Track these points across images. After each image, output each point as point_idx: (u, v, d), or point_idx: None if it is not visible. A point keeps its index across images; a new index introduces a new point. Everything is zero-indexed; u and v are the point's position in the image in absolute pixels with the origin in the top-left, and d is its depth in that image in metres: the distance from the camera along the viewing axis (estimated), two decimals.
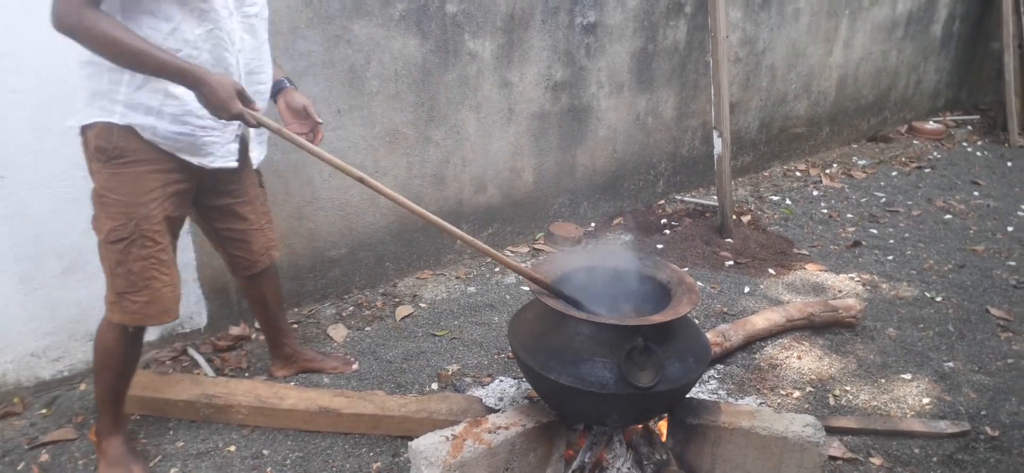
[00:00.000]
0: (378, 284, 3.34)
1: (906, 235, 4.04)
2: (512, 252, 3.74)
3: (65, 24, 1.68)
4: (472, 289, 3.35)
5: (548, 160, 3.79)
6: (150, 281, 1.98)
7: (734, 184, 4.57)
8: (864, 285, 3.43)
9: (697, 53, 4.19)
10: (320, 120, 2.18)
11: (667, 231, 4.03)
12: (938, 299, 3.30)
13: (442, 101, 3.30)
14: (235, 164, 2.08)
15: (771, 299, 3.28)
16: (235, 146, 2.07)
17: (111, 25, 1.70)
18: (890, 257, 3.75)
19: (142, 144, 1.89)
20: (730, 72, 4.33)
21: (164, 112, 1.87)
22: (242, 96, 1.86)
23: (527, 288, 3.34)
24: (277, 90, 2.20)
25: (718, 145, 3.98)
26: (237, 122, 1.97)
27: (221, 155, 2.02)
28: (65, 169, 2.33)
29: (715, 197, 4.13)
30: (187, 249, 2.69)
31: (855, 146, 5.64)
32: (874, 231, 4.09)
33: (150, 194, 1.94)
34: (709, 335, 2.68)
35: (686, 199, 4.41)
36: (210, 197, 2.18)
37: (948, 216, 4.32)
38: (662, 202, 4.40)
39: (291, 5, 2.74)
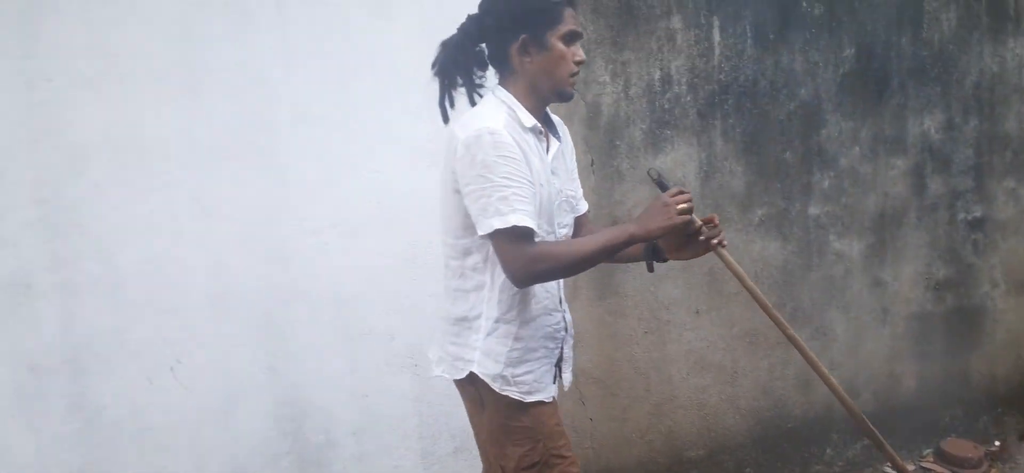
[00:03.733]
0: None
1: None
2: (893, 469, 3.31)
3: (529, 276, 1.73)
4: None
5: (933, 366, 3.38)
6: None
7: None
8: None
9: None
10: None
11: None
12: None
13: (806, 302, 3.19)
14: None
15: None
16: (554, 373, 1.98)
17: (556, 249, 1.76)
18: None
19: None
20: None
21: (511, 356, 1.84)
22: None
23: None
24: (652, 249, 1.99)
25: None
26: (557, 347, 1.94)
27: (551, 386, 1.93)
28: None
29: None
30: None
31: None
32: None
33: (544, 413, 1.89)
34: None
35: None
36: None
37: None
38: None
39: None
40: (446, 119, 1.90)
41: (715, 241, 1.86)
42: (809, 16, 3.08)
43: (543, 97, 1.86)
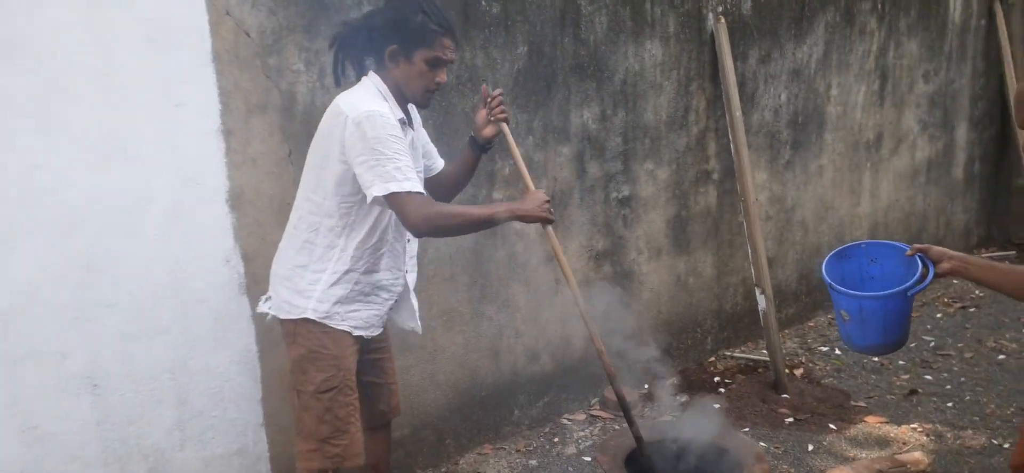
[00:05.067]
0: (440, 463, 3.37)
1: (962, 379, 4.00)
2: (569, 420, 3.76)
3: (430, 225, 2.12)
4: (533, 462, 3.37)
5: (596, 326, 3.88)
6: (349, 425, 2.26)
7: (782, 337, 4.60)
8: (928, 435, 3.39)
9: (729, 214, 4.36)
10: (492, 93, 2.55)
11: (722, 389, 4.04)
12: (1007, 446, 3.25)
13: (494, 278, 3.45)
14: (381, 329, 2.41)
15: (837, 456, 3.25)
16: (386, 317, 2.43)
17: (456, 209, 2.25)
18: (950, 404, 3.72)
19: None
20: (763, 230, 4.47)
21: (345, 296, 2.22)
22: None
23: (589, 459, 3.35)
24: (472, 141, 2.58)
25: (761, 301, 4.05)
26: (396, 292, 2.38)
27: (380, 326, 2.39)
28: (151, 374, 2.48)
29: (765, 352, 4.16)
30: (261, 441, 2.77)
31: None
32: (929, 377, 4.07)
33: (349, 349, 2.27)
34: None
35: (737, 355, 4.44)
36: (365, 354, 2.42)
37: (1001, 356, 4.29)
38: (713, 359, 4.43)
39: None
40: (338, 82, 2.32)
41: (495, 118, 2.51)
42: (488, 15, 3.29)
43: (404, 97, 2.27)
